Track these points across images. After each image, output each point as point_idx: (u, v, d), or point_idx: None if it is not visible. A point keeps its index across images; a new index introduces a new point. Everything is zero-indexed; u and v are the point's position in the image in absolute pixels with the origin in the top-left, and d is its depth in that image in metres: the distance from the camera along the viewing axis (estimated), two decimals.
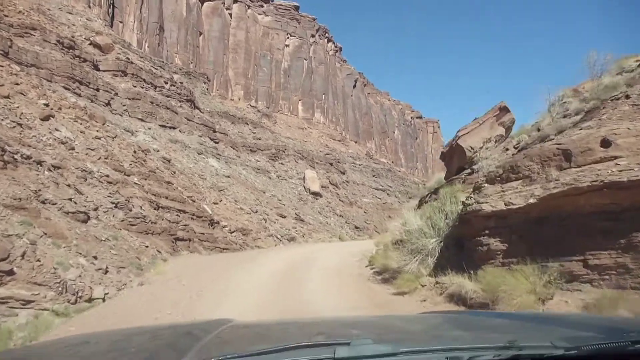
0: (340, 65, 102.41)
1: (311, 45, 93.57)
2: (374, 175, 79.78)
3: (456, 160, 14.62)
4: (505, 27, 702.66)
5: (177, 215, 22.93)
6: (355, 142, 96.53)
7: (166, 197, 23.38)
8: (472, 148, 13.64)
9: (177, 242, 20.92)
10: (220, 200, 28.52)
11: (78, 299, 10.47)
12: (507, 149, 12.79)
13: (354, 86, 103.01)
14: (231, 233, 25.53)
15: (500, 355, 1.40)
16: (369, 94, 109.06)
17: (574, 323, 2.15)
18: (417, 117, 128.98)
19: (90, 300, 10.78)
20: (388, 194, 74.68)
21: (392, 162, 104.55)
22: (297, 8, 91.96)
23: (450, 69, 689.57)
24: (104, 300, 11.03)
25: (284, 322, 3.30)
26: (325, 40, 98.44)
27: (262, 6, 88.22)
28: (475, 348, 1.48)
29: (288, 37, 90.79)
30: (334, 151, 76.55)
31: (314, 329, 2.20)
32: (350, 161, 78.50)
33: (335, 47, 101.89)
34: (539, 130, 11.06)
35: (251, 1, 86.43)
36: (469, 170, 13.28)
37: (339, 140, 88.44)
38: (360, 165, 79.94)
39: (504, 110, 14.19)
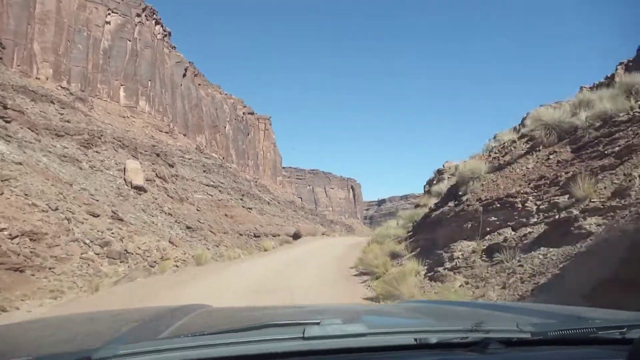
0: (169, 51, 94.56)
1: (136, 25, 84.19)
2: (204, 171, 74.66)
3: None
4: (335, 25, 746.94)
5: None
6: (185, 135, 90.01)
7: None
8: None
9: None
10: (2, 193, 21.26)
11: None
12: None
13: (184, 75, 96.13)
14: (12, 239, 18.21)
15: (468, 338, 1.41)
16: (199, 85, 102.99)
17: (539, 311, 2.16)
18: (249, 113, 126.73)
19: None
20: (220, 191, 70.32)
21: (223, 158, 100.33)
22: None
23: (284, 65, 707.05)
24: None
25: (259, 307, 3.61)
26: (153, 22, 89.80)
27: None
28: (443, 331, 1.52)
29: (109, 13, 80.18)
30: (160, 143, 69.44)
31: (287, 313, 2.31)
32: (179, 155, 72.17)
33: (164, 30, 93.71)
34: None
35: None
36: None
37: (167, 132, 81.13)
38: (190, 159, 74.08)
39: None
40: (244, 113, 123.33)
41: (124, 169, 46.75)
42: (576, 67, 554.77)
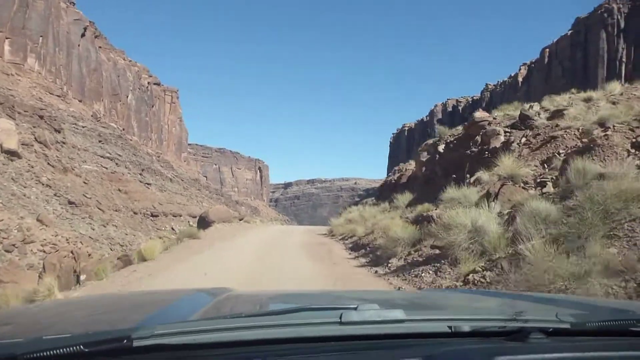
0: (67, 6, 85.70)
1: None
2: (100, 141, 68.93)
3: None
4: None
5: None
6: (80, 102, 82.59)
7: None
8: None
9: None
10: None
11: None
12: None
13: (83, 35, 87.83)
14: None
15: (506, 327, 1.41)
16: (100, 47, 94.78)
17: (578, 303, 2.17)
18: (155, 84, 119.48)
19: None
20: (117, 164, 65.31)
21: (124, 129, 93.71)
22: None
23: (197, 38, 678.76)
24: None
25: (288, 292, 3.56)
26: None
27: None
28: (481, 319, 1.51)
29: None
30: (50, 107, 62.68)
31: (322, 298, 2.22)
32: (72, 121, 65.79)
33: None
34: None
35: None
36: None
37: (59, 96, 73.69)
38: (84, 127, 67.91)
39: None
40: (149, 83, 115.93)
41: None
42: (482, 65, 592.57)
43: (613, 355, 1.31)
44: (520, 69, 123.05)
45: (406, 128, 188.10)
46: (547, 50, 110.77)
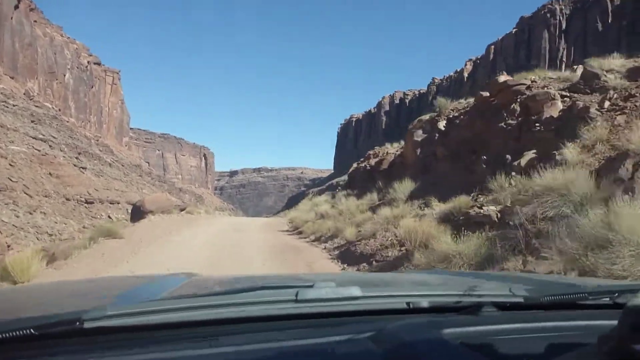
0: None
1: None
2: (33, 121, 64.97)
3: None
4: None
5: None
6: (12, 78, 77.40)
7: None
8: None
9: None
10: None
11: None
12: None
13: (16, 7, 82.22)
14: None
15: (461, 302, 1.43)
16: (35, 22, 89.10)
17: (532, 280, 2.22)
18: (95, 63, 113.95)
19: None
20: (51, 146, 61.78)
21: (60, 110, 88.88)
22: None
23: (141, 17, 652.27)
24: None
25: (250, 276, 3.56)
26: None
27: None
28: (436, 295, 1.55)
29: None
30: None
31: (279, 280, 2.21)
32: (1, 99, 61.65)
33: None
34: None
35: None
36: None
37: None
38: (14, 106, 63.76)
39: None
40: (88, 62, 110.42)
41: None
42: (429, 59, 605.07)
43: (562, 325, 1.33)
44: (466, 64, 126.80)
45: (354, 119, 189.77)
46: (492, 47, 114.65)
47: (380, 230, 12.05)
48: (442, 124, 17.87)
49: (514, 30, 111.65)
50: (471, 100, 17.61)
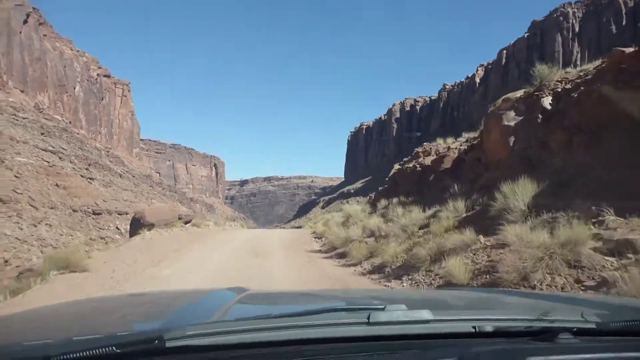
0: None
1: None
2: (43, 134, 64.96)
3: None
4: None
5: None
6: (22, 92, 77.76)
7: None
8: None
9: None
10: None
11: None
12: None
13: (25, 22, 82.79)
14: None
15: (532, 327, 1.43)
16: (45, 36, 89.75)
17: (602, 303, 2.15)
18: (104, 76, 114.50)
19: None
20: (61, 158, 61.64)
21: (70, 122, 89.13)
22: None
23: (151, 29, 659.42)
24: None
25: (308, 292, 3.60)
26: None
27: None
28: (505, 319, 1.54)
29: None
30: None
31: (343, 299, 2.20)
32: (11, 112, 61.72)
33: None
34: None
35: None
36: None
37: None
38: (24, 119, 63.85)
39: None
40: (98, 75, 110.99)
41: None
42: (440, 66, 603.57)
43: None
44: (477, 70, 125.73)
45: (364, 127, 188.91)
46: (505, 51, 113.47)
47: (542, 268, 6.39)
48: (547, 101, 12.64)
49: (526, 34, 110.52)
50: (589, 66, 12.81)
